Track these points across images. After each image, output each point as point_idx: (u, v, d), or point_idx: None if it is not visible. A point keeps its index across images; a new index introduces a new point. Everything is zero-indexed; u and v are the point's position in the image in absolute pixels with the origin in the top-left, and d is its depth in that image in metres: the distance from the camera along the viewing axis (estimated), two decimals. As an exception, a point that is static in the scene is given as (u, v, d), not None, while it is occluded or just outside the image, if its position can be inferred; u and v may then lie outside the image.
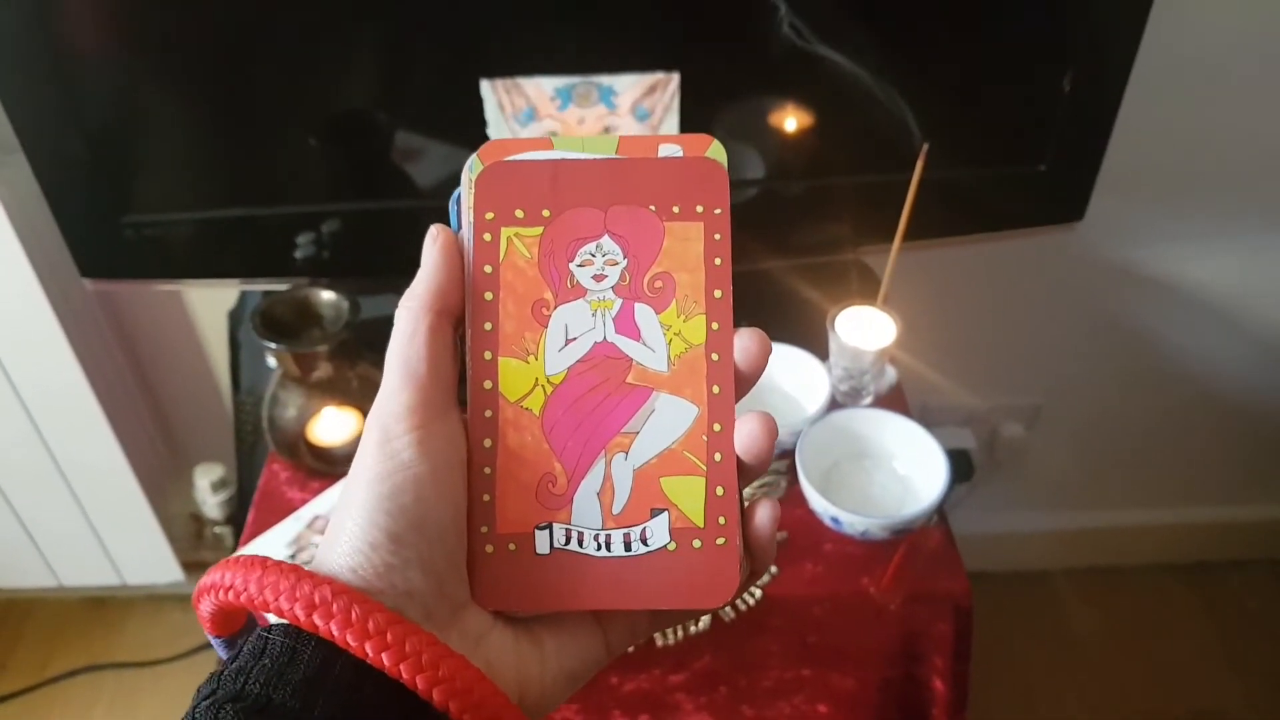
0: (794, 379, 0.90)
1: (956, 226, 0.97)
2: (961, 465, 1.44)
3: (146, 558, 1.36)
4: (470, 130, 0.86)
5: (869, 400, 0.88)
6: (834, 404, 0.86)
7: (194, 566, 1.45)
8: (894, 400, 0.92)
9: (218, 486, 1.33)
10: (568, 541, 0.32)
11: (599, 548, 0.32)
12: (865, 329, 0.86)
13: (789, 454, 0.86)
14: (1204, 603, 1.59)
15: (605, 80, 0.84)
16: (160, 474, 1.33)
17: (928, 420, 1.44)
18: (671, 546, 0.32)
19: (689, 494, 0.32)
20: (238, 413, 1.15)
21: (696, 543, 0.32)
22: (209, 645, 0.80)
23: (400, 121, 0.88)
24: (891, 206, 0.90)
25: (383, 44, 0.84)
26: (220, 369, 1.30)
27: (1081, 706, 1.47)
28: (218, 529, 1.38)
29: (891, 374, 0.90)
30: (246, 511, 0.98)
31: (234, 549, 1.34)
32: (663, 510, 0.32)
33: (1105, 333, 1.35)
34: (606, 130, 0.87)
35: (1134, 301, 1.32)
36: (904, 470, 0.84)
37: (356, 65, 0.85)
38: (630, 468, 0.33)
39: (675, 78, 0.84)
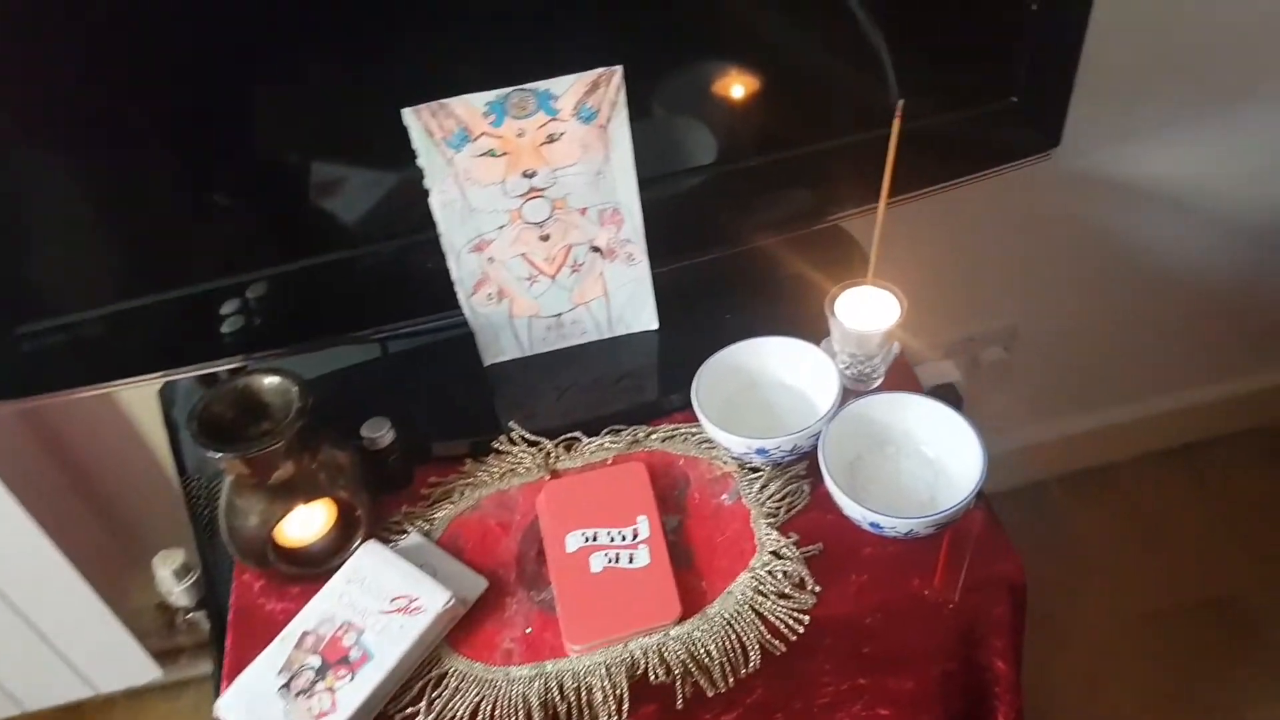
0: (798, 373, 0.83)
1: (934, 177, 0.90)
2: (949, 400, 1.40)
3: (117, 662, 1.26)
4: (400, 164, 0.76)
5: (879, 382, 0.82)
6: (843, 393, 0.80)
7: (170, 654, 1.35)
8: (902, 377, 0.86)
9: (181, 573, 1.22)
10: None
11: None
12: (864, 308, 0.79)
13: (807, 455, 0.80)
14: (1197, 484, 1.60)
15: (541, 85, 0.75)
16: (116, 572, 1.22)
17: (908, 359, 1.39)
18: None
19: None
20: (188, 494, 1.05)
21: None
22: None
23: (318, 167, 0.78)
24: (861, 167, 0.83)
25: (287, 89, 0.73)
26: (160, 450, 1.18)
27: (1098, 609, 1.46)
28: (190, 615, 1.28)
29: (894, 348, 0.83)
30: (216, 595, 0.90)
31: (211, 636, 1.24)
32: None
33: (1071, 241, 1.31)
34: (550, 138, 0.77)
35: (1094, 204, 1.27)
36: (932, 453, 0.78)
37: (261, 114, 0.74)
38: None
39: (618, 71, 0.75)
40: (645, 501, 0.78)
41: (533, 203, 0.81)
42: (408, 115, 0.73)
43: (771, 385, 0.84)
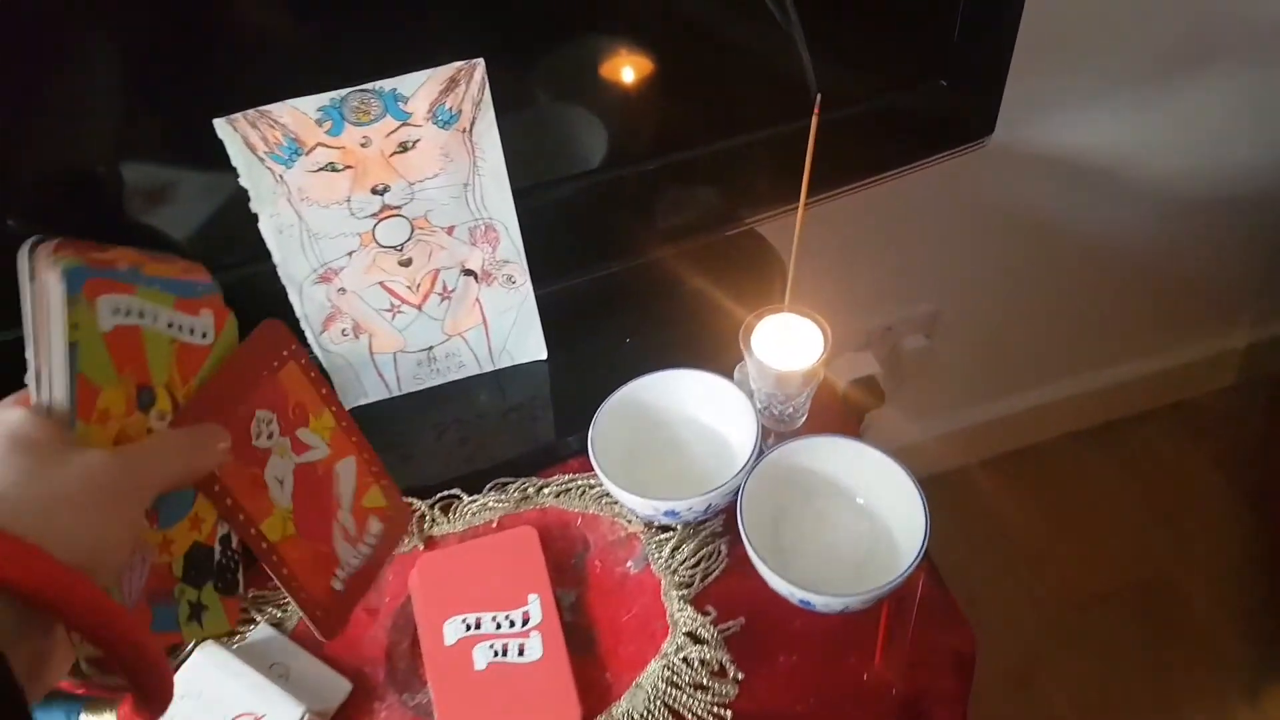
0: (711, 411, 0.72)
1: (854, 173, 0.79)
2: (871, 392, 1.32)
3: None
4: (220, 183, 0.62)
5: (802, 420, 0.71)
6: (762, 434, 0.69)
7: None
8: (827, 414, 0.75)
9: None
10: (347, 575, 0.50)
11: (359, 559, 0.50)
12: (784, 338, 0.68)
13: (725, 510, 0.69)
14: (1119, 461, 1.55)
15: (386, 85, 0.61)
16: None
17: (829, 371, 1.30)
18: (383, 526, 0.52)
19: (374, 497, 0.52)
20: None
21: (393, 513, 0.52)
22: None
23: (130, 183, 0.63)
24: (773, 163, 0.72)
25: (76, 95, 0.58)
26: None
27: (1025, 599, 1.41)
28: None
29: (817, 381, 0.73)
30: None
31: None
32: (372, 512, 0.51)
33: (992, 221, 1.22)
34: (403, 147, 0.64)
35: (1015, 182, 1.19)
36: (865, 502, 0.68)
37: (47, 127, 0.59)
38: (347, 512, 0.50)
39: (479, 65, 0.62)
40: (537, 575, 0.66)
41: (388, 223, 0.67)
42: (221, 126, 0.59)
43: (680, 424, 0.73)
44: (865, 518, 0.68)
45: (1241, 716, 1.27)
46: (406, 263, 0.70)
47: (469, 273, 0.72)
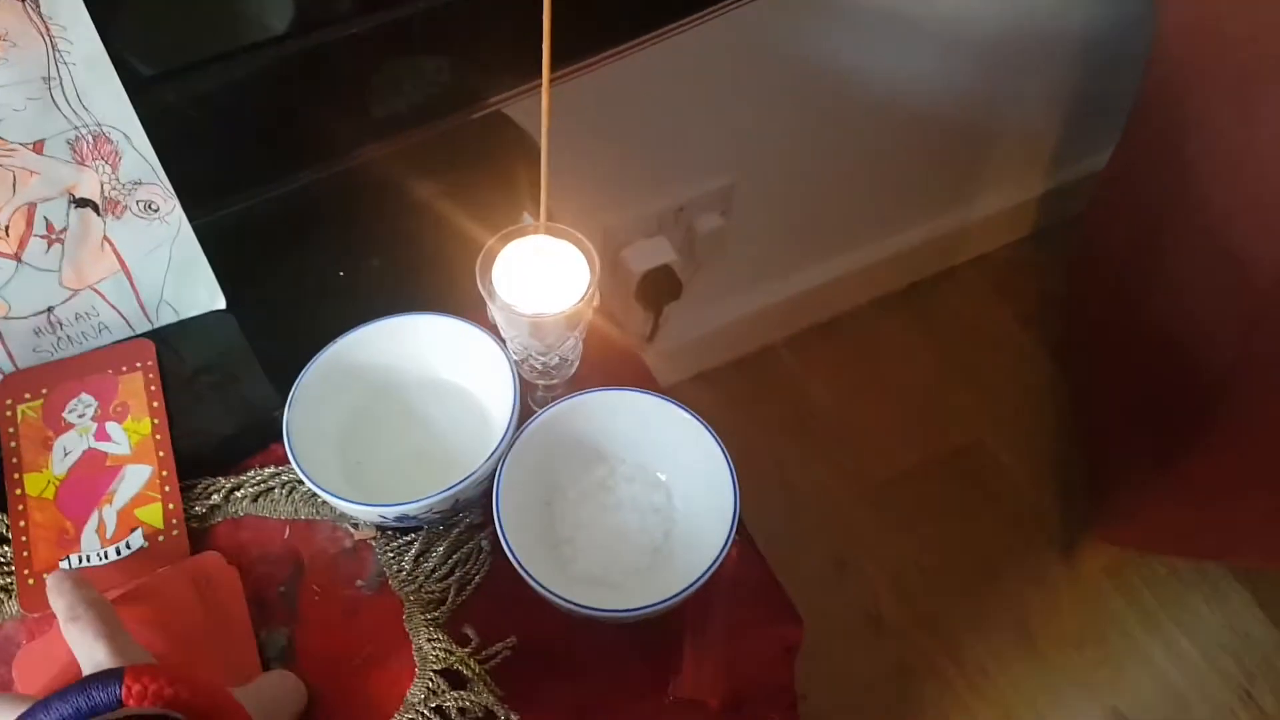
0: (456, 364, 0.55)
1: (619, 32, 0.61)
2: (667, 283, 1.18)
3: None
4: None
5: (574, 368, 0.55)
6: (521, 397, 0.52)
7: None
8: (606, 353, 0.59)
9: None
10: (81, 563, 0.50)
11: (102, 559, 0.50)
12: (539, 266, 0.51)
13: (481, 499, 0.53)
14: (922, 325, 1.50)
15: None
16: None
17: (615, 241, 1.14)
18: (146, 545, 0.50)
19: (152, 514, 0.51)
20: None
21: (161, 538, 0.51)
22: None
23: None
24: (520, 18, 0.53)
25: None
26: None
27: (839, 479, 1.35)
28: None
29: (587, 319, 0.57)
30: None
31: None
32: (137, 527, 0.51)
33: (779, 79, 1.07)
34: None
35: (797, 35, 1.04)
36: (657, 466, 0.54)
37: None
38: (114, 510, 0.51)
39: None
40: (233, 627, 0.48)
41: (-80, 143, 0.44)
42: None
43: (416, 388, 0.55)
44: (657, 488, 0.53)
45: (1055, 570, 1.27)
46: (-27, 198, 0.47)
47: (84, 203, 0.50)
